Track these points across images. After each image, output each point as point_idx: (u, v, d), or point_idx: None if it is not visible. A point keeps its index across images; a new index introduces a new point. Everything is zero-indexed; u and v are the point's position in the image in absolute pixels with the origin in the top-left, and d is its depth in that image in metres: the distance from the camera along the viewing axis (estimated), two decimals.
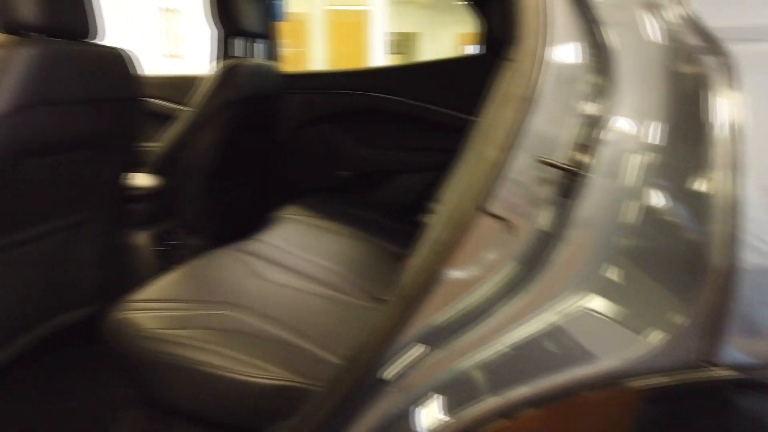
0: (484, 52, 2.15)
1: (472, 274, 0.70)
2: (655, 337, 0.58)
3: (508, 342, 0.66)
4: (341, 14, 8.89)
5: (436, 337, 0.71)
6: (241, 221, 2.02)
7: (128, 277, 1.63)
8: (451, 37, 9.98)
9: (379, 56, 8.78)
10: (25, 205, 1.24)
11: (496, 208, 0.67)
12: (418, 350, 0.72)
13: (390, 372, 0.74)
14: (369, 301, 1.27)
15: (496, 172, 0.66)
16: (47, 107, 1.15)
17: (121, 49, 1.38)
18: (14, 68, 1.07)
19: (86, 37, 1.28)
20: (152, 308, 1.10)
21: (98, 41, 1.32)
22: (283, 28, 2.35)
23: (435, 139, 2.20)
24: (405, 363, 0.72)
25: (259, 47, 2.15)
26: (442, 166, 2.09)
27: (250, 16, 1.94)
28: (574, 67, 0.66)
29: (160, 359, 0.99)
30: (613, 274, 0.63)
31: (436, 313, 0.72)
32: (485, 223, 0.68)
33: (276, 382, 0.94)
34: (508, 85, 0.72)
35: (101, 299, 1.54)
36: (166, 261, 1.68)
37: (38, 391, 1.42)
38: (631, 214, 0.63)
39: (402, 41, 10.39)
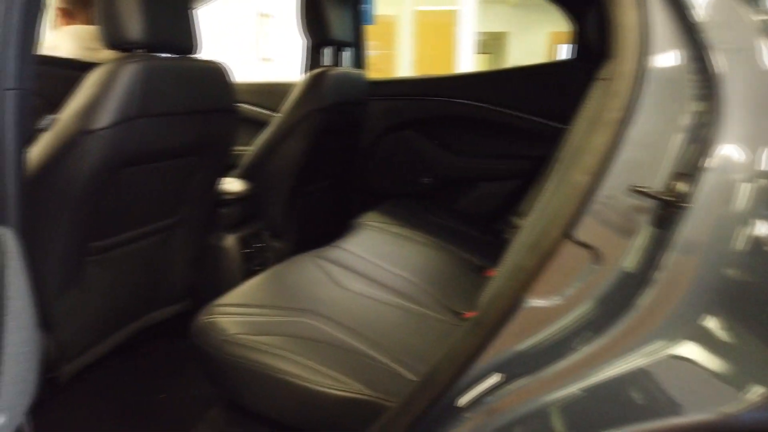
0: (574, 56, 2.06)
1: (554, 303, 0.66)
2: (756, 393, 0.53)
3: (590, 382, 0.62)
4: (430, 15, 8.86)
5: (514, 367, 0.69)
6: (323, 226, 2.07)
7: (217, 277, 1.70)
8: (542, 36, 9.69)
9: (467, 56, 8.68)
10: (127, 209, 1.33)
11: (583, 235, 0.63)
12: (494, 378, 0.70)
13: (465, 398, 0.72)
14: (447, 316, 1.25)
15: (585, 198, 0.63)
16: (149, 119, 1.23)
17: (219, 62, 1.44)
18: (120, 83, 1.15)
19: (188, 52, 1.35)
20: (236, 312, 1.14)
21: (196, 54, 1.39)
22: (371, 31, 2.38)
23: (521, 147, 2.14)
24: (480, 391, 0.70)
25: (346, 54, 2.18)
26: (527, 174, 2.03)
27: (338, 26, 1.97)
28: (674, 91, 0.61)
29: (241, 364, 1.03)
30: (712, 320, 0.58)
31: (515, 341, 0.69)
32: (571, 251, 0.64)
33: (349, 394, 0.95)
34: (600, 106, 0.68)
35: (191, 297, 1.62)
36: (252, 263, 1.75)
37: (131, 382, 1.52)
38: (737, 250, 0.58)
39: (491, 41, 10.21)
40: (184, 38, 1.33)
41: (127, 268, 1.41)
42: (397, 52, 8.93)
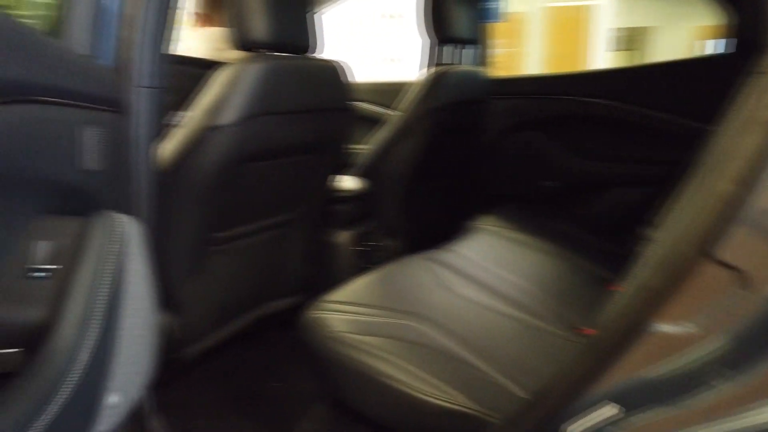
0: (732, 50, 1.83)
1: (686, 330, 0.57)
2: None
3: (729, 427, 0.53)
4: (562, 11, 8.49)
5: (634, 399, 0.61)
6: (437, 227, 2.03)
7: (329, 273, 1.74)
8: (687, 31, 8.87)
9: (601, 54, 8.19)
10: (249, 203, 1.39)
11: (727, 255, 0.54)
12: (609, 410, 0.62)
13: (575, 426, 0.65)
14: (564, 331, 1.16)
15: (731, 211, 0.53)
16: (270, 116, 1.27)
17: (337, 61, 1.46)
18: (244, 82, 1.20)
19: (306, 51, 1.38)
20: (344, 310, 1.14)
21: (316, 54, 1.42)
22: (500, 29, 2.29)
23: (658, 150, 1.94)
24: (593, 423, 0.63)
25: (468, 52, 2.13)
26: (664, 180, 1.83)
27: (460, 24, 1.92)
28: None
29: (344, 362, 1.02)
30: None
31: (637, 369, 0.61)
32: (710, 272, 0.55)
33: (451, 405, 0.90)
34: (755, 105, 0.58)
35: (304, 291, 1.67)
36: (365, 261, 1.76)
37: (247, 369, 1.59)
38: None
39: (630, 37, 9.54)
40: (302, 38, 1.36)
41: (248, 258, 1.47)
42: (526, 50, 8.65)
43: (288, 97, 1.31)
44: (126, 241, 0.71)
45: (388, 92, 2.30)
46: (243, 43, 1.26)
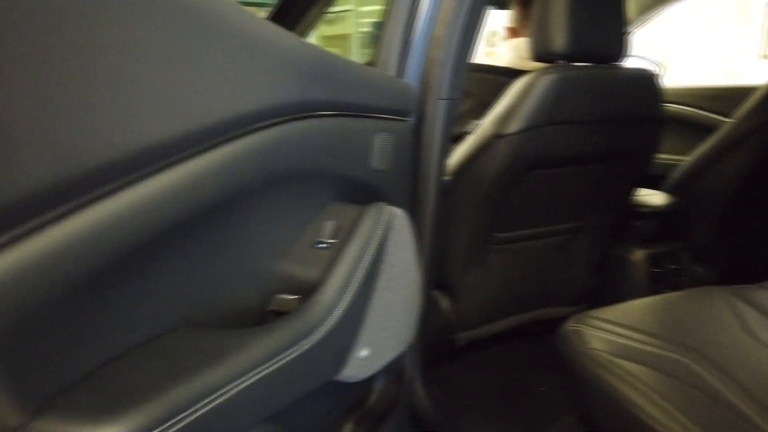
0: None
1: None
2: None
3: None
4: None
5: None
6: (758, 259, 1.69)
7: (616, 290, 1.64)
8: None
9: None
10: (530, 209, 1.43)
11: None
12: None
13: None
14: None
15: None
16: (556, 126, 1.28)
17: (645, 69, 1.37)
18: (534, 93, 1.24)
19: (610, 60, 1.33)
20: (607, 329, 1.09)
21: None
22: None
23: None
24: None
25: None
26: None
27: None
28: None
29: (594, 382, 0.99)
30: None
31: None
32: None
33: None
34: None
35: (586, 304, 1.61)
36: (662, 284, 1.60)
37: (518, 366, 1.63)
38: None
39: None
40: (607, 47, 1.31)
41: (527, 261, 1.51)
42: None
43: (578, 108, 1.29)
44: (390, 228, 0.85)
45: (727, 98, 2.00)
46: (540, 54, 1.30)
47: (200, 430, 0.53)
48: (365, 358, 0.81)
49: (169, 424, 0.51)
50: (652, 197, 1.66)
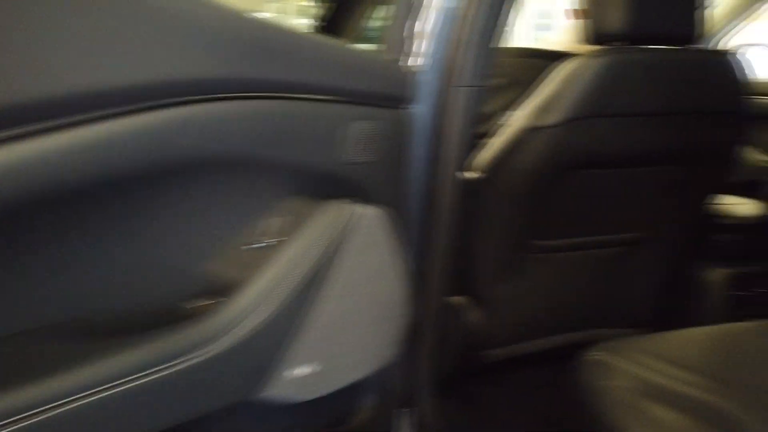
0: None
1: None
2: None
3: None
4: None
5: None
6: None
7: (688, 315, 1.40)
8: None
9: None
10: (575, 214, 1.25)
11: None
12: None
13: None
14: None
15: None
16: (606, 119, 1.10)
17: (730, 55, 1.14)
18: (579, 80, 1.07)
19: (682, 42, 1.13)
20: (640, 361, 0.91)
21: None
22: None
23: None
24: None
25: None
26: None
27: None
28: None
29: (610, 427, 0.82)
30: None
31: None
32: None
33: None
34: None
35: (648, 328, 1.39)
36: (745, 311, 1.34)
37: (548, 392, 1.43)
38: None
39: None
40: (678, 27, 1.11)
41: (573, 274, 1.33)
42: None
43: (635, 98, 1.10)
44: (352, 229, 0.75)
45: None
46: (596, 35, 1.12)
47: None
48: (305, 377, 0.72)
49: None
50: (738, 206, 1.40)
